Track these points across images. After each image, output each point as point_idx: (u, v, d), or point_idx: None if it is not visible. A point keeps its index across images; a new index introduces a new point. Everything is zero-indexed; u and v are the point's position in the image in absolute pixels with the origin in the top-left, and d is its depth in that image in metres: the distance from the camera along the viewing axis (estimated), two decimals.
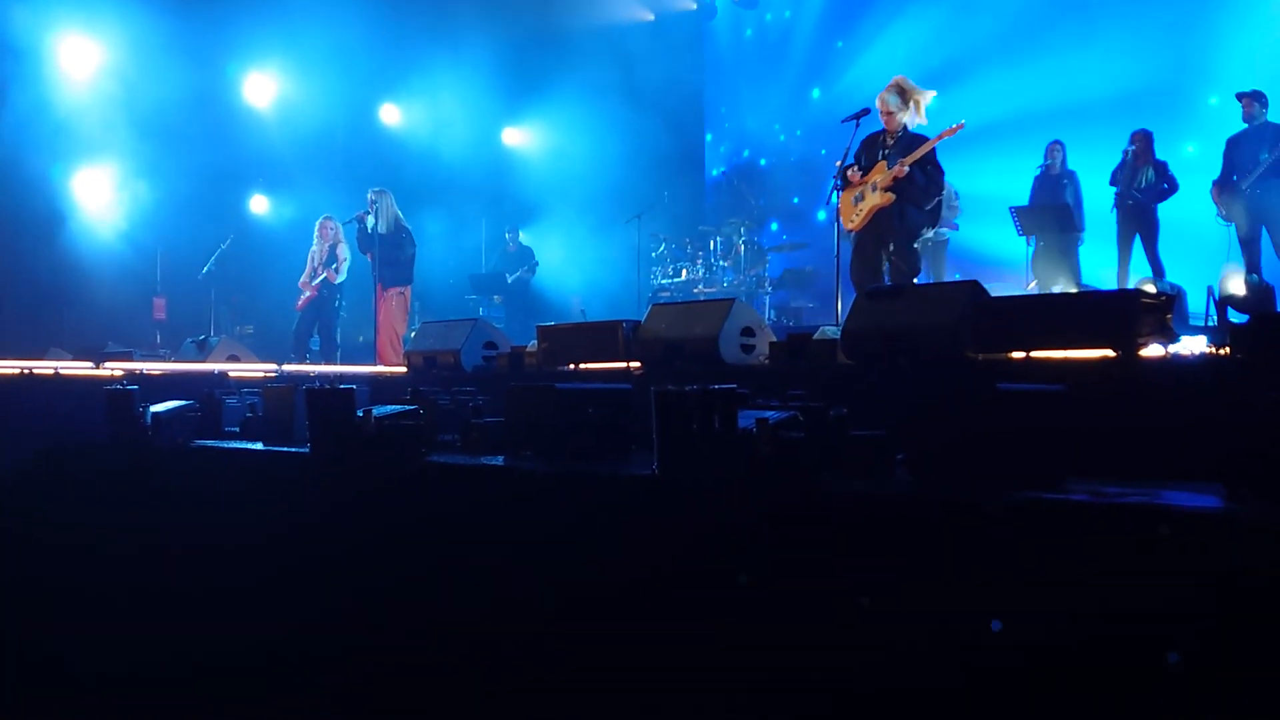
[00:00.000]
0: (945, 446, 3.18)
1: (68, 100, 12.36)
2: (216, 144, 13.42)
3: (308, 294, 11.78)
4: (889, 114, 7.87)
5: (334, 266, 11.77)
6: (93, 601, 5.08)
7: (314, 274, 11.80)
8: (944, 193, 8.14)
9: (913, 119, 7.85)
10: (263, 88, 14.39)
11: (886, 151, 7.83)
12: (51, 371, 7.32)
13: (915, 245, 8.00)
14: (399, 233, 11.44)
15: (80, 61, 12.55)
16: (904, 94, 7.85)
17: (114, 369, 7.17)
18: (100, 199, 13.00)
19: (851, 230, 7.96)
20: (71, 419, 5.97)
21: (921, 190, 7.73)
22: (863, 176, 7.87)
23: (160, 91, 12.59)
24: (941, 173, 7.77)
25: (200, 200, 13.23)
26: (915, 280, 7.75)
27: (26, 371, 7.23)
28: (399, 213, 11.52)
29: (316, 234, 11.91)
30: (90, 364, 7.45)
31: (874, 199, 7.77)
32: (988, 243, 12.10)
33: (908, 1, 14.65)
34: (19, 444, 5.74)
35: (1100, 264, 10.85)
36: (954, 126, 7.70)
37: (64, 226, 12.65)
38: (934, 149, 7.70)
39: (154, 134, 12.71)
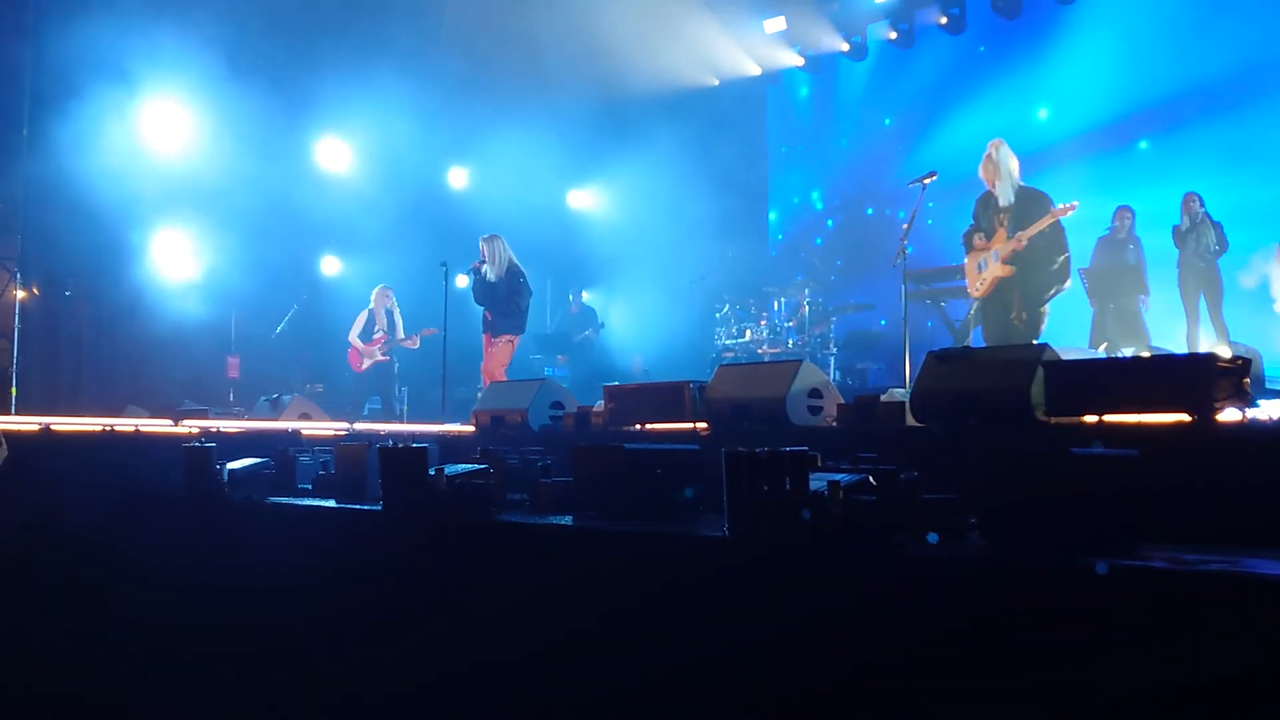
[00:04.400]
0: (1018, 511, 3.15)
1: (149, 163, 12.76)
2: (290, 206, 13.76)
3: (379, 357, 12.11)
4: (990, 181, 8.01)
5: (414, 335, 12.34)
6: (167, 654, 5.16)
7: (371, 337, 12.13)
8: None
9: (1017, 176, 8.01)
10: (336, 152, 14.77)
11: (1003, 214, 7.93)
12: (132, 429, 7.51)
13: (1042, 307, 8.07)
14: (513, 279, 10.86)
15: (162, 127, 12.97)
16: (1004, 158, 7.98)
17: (191, 426, 7.34)
18: (178, 260, 13.37)
19: (976, 297, 8.10)
20: (150, 474, 6.11)
21: (1042, 254, 7.93)
22: (987, 241, 7.99)
23: (237, 156, 12.97)
24: (1062, 230, 7.92)
25: (274, 261, 13.55)
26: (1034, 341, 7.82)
27: (108, 429, 7.43)
28: (513, 256, 10.99)
29: (377, 300, 12.24)
30: (169, 421, 7.64)
31: (995, 269, 7.91)
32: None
33: (966, 69, 14.74)
34: (100, 498, 5.87)
35: (1165, 326, 10.72)
36: (1068, 206, 7.91)
37: (143, 287, 13.00)
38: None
39: (230, 196, 13.06)
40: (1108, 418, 4.30)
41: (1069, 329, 11.65)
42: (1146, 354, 9.77)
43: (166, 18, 11.95)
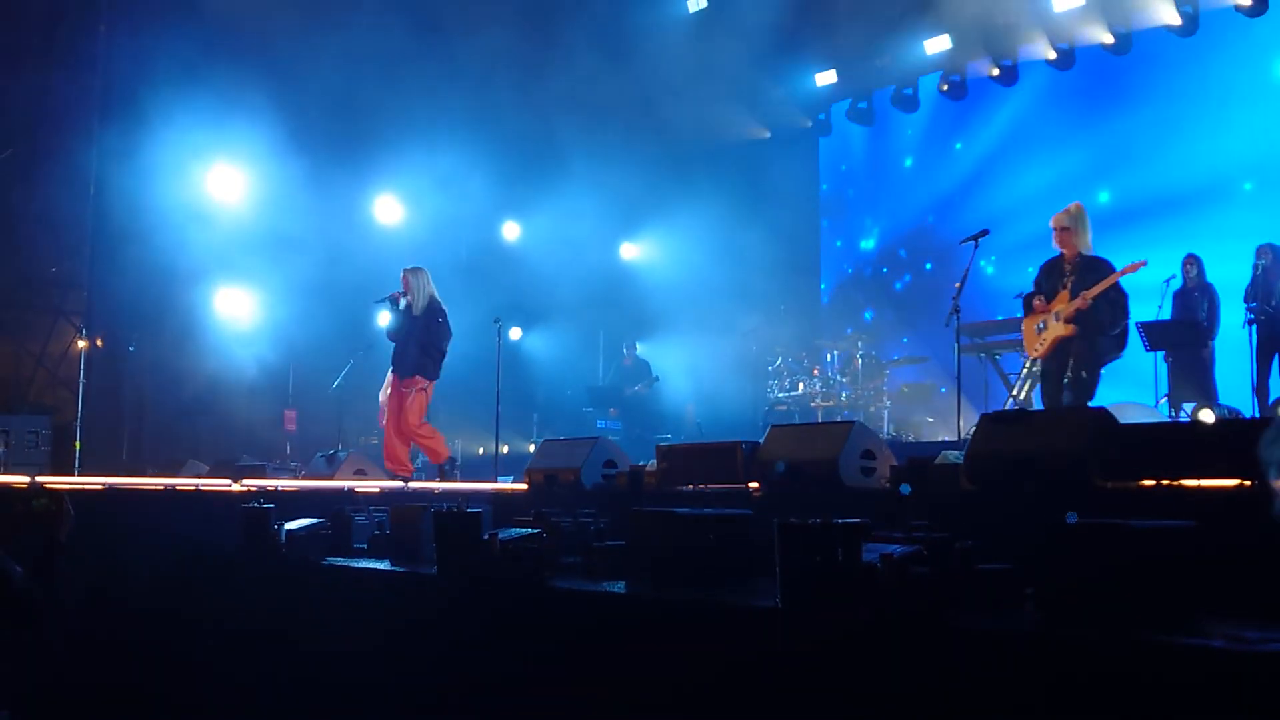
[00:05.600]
0: (1074, 583, 3.11)
1: (211, 221, 13.07)
2: (347, 262, 13.97)
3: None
4: (1059, 240, 8.03)
5: None
6: (225, 714, 5.23)
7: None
8: None
9: (1088, 244, 8.00)
10: (391, 208, 15.02)
11: (1067, 279, 7.94)
12: (193, 488, 7.65)
13: (1098, 370, 8.00)
14: (433, 317, 10.02)
15: (224, 188, 13.31)
16: (1081, 219, 8.01)
17: (249, 485, 7.45)
18: (238, 315, 13.64)
19: (1036, 358, 8.18)
20: (211, 534, 6.20)
21: (1106, 318, 7.87)
22: (1047, 304, 8.01)
23: (297, 213, 13.25)
24: (1126, 298, 7.90)
25: (331, 315, 13.75)
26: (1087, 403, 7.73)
27: (170, 488, 7.58)
28: (435, 292, 10.17)
29: None
30: (228, 481, 7.77)
31: (1057, 329, 7.94)
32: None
33: (1022, 120, 14.71)
34: (163, 559, 5.98)
35: (1236, 381, 10.51)
36: (1136, 264, 7.89)
37: (204, 342, 13.26)
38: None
39: (289, 253, 13.32)
40: (1166, 482, 4.25)
41: (1131, 382, 11.50)
42: (1209, 411, 9.62)
43: (230, 80, 12.26)
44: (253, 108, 12.49)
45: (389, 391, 10.08)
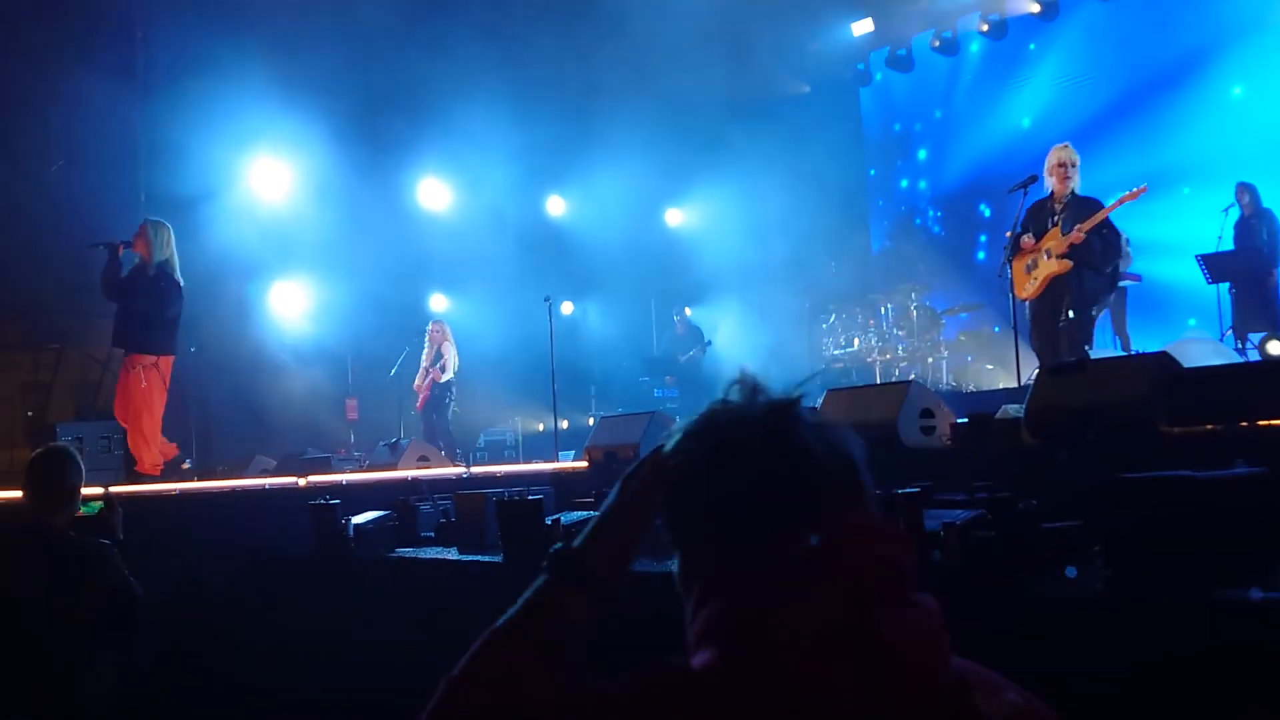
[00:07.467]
0: (1141, 539, 3.04)
1: (260, 219, 13.19)
2: (396, 248, 14.07)
3: (423, 395, 12.35)
4: (1066, 177, 7.78)
5: (439, 365, 12.26)
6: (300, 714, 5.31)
7: (425, 374, 12.30)
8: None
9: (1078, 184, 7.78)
10: (436, 192, 15.09)
11: (1057, 217, 7.72)
12: (261, 487, 7.77)
13: (1093, 313, 7.77)
14: (162, 280, 8.38)
15: (270, 182, 13.43)
16: (1077, 160, 7.79)
17: (315, 481, 7.55)
18: (294, 309, 13.79)
19: (1025, 299, 7.85)
20: (281, 531, 6.30)
21: (1099, 255, 7.61)
22: (1035, 243, 7.77)
23: (342, 205, 13.34)
24: (1119, 235, 7.63)
25: (384, 302, 13.87)
26: (1089, 349, 7.52)
27: (238, 489, 7.70)
28: (175, 255, 8.54)
29: (426, 337, 12.45)
30: (295, 478, 7.87)
31: (1050, 266, 7.64)
32: (1176, 291, 11.59)
33: (1069, 55, 14.35)
34: (234, 559, 6.08)
35: None
36: (1136, 190, 7.61)
37: (263, 338, 13.43)
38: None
39: (339, 244, 13.43)
40: (1235, 425, 4.16)
41: (1198, 316, 11.28)
42: (1277, 342, 9.40)
43: (268, 74, 12.30)
44: (291, 100, 12.55)
45: (122, 376, 8.63)
